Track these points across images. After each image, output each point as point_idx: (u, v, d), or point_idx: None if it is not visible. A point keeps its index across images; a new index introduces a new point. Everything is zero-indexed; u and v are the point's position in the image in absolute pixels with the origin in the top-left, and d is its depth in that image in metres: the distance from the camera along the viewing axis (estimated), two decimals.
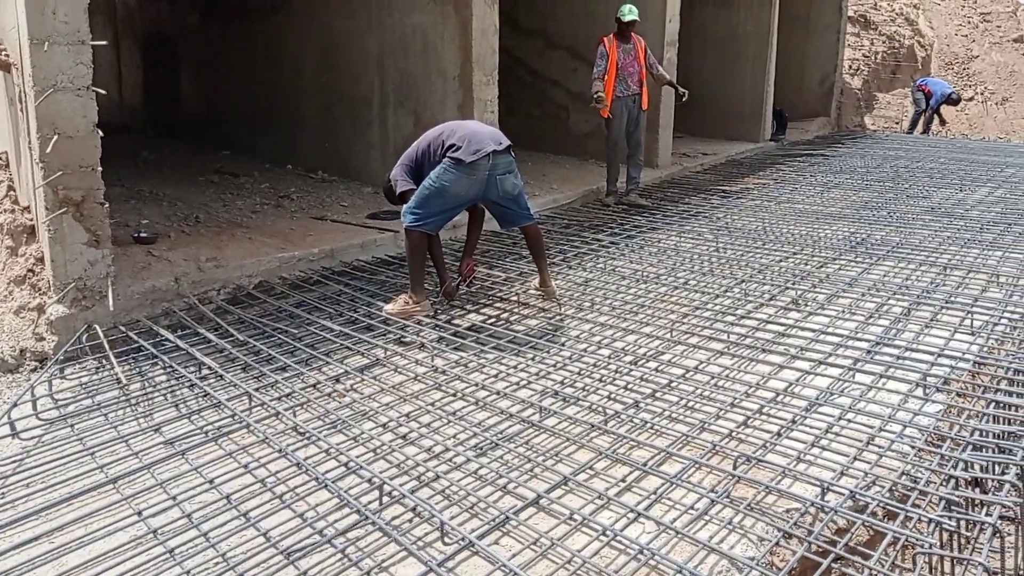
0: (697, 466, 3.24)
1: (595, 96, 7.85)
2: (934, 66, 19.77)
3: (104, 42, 4.41)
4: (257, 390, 3.90)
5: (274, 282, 5.56)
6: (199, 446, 3.44)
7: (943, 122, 16.18)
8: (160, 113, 11.86)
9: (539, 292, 5.34)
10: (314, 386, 4.01)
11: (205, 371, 4.15)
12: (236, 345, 4.46)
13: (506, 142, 4.93)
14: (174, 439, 3.49)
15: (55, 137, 4.20)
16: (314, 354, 4.37)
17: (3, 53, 4.83)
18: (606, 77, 7.89)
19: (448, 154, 4.77)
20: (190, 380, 4.04)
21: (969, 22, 21.74)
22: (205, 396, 3.90)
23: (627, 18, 7.87)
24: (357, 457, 3.29)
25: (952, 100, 15.55)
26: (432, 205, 4.83)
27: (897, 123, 17.48)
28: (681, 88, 8.63)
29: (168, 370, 4.18)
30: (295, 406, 3.77)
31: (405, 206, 4.91)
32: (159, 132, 11.51)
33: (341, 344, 4.54)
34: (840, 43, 15.40)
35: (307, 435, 3.49)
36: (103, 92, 4.34)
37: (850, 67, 17.66)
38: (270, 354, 4.34)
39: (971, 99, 19.14)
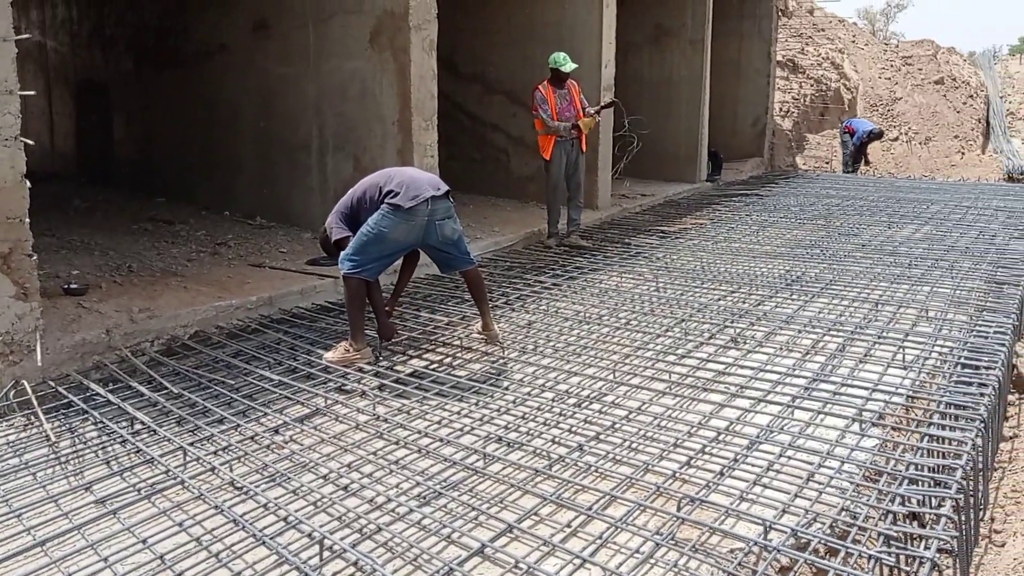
0: (642, 509, 3.23)
1: (565, 126, 7.94)
2: (860, 108, 20.50)
3: (32, 92, 4.33)
4: (192, 444, 3.80)
5: (210, 332, 5.45)
6: (131, 504, 3.32)
7: (867, 162, 16.69)
8: (93, 160, 11.64)
9: (481, 336, 5.33)
10: (252, 438, 3.91)
11: (138, 426, 4.02)
12: (170, 398, 4.35)
13: (444, 187, 4.94)
14: (105, 498, 3.37)
15: None
16: (252, 405, 4.28)
17: None
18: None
19: (386, 200, 4.75)
20: (122, 436, 3.91)
21: (892, 65, 22.64)
22: (138, 452, 3.77)
23: (567, 68, 7.99)
24: (297, 511, 3.21)
25: (874, 135, 16.08)
26: (370, 252, 4.79)
27: (827, 163, 18.03)
28: (608, 100, 8.76)
29: (99, 426, 4.05)
30: (232, 460, 3.67)
31: (343, 253, 4.86)
32: (92, 179, 11.29)
33: (280, 394, 4.45)
34: (770, 87, 15.89)
35: (244, 490, 3.40)
36: (31, 143, 4.24)
37: (780, 109, 18.22)
38: (206, 406, 4.24)
39: (896, 139, 19.84)
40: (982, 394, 4.19)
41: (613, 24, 10.22)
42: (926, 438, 3.80)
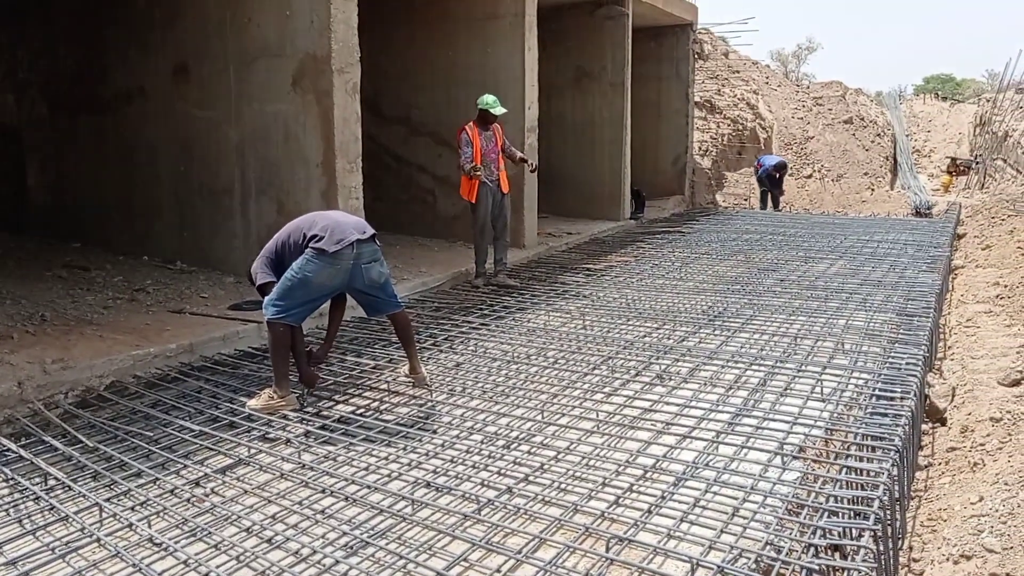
0: (571, 551, 3.23)
1: (471, 167, 7.96)
2: (775, 146, 21.21)
3: None
4: (108, 500, 3.66)
5: (127, 381, 5.28)
6: (45, 565, 3.18)
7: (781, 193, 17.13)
8: (5, 206, 11.24)
9: (409, 379, 5.29)
10: (171, 492, 3.79)
11: (52, 482, 3.86)
12: (85, 452, 4.19)
13: (370, 231, 4.91)
14: (17, 559, 3.21)
15: None
16: (171, 457, 4.15)
17: None
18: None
19: (311, 244, 4.70)
20: (35, 493, 3.75)
21: (803, 106, 23.53)
22: (52, 509, 3.62)
23: (497, 111, 8.06)
24: (218, 567, 3.12)
25: (778, 167, 16.55)
26: (295, 296, 4.72)
27: (746, 200, 18.57)
28: (529, 161, 8.80)
29: (11, 483, 3.87)
30: (150, 515, 3.55)
31: (267, 298, 4.78)
32: (3, 226, 10.89)
33: (201, 444, 4.33)
34: (689, 126, 16.36)
35: (164, 546, 3.28)
36: None
37: (700, 148, 18.74)
38: (123, 460, 4.09)
39: (810, 176, 20.57)
40: (897, 425, 4.32)
41: (535, 67, 10.42)
42: (845, 470, 3.91)
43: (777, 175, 16.48)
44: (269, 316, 4.74)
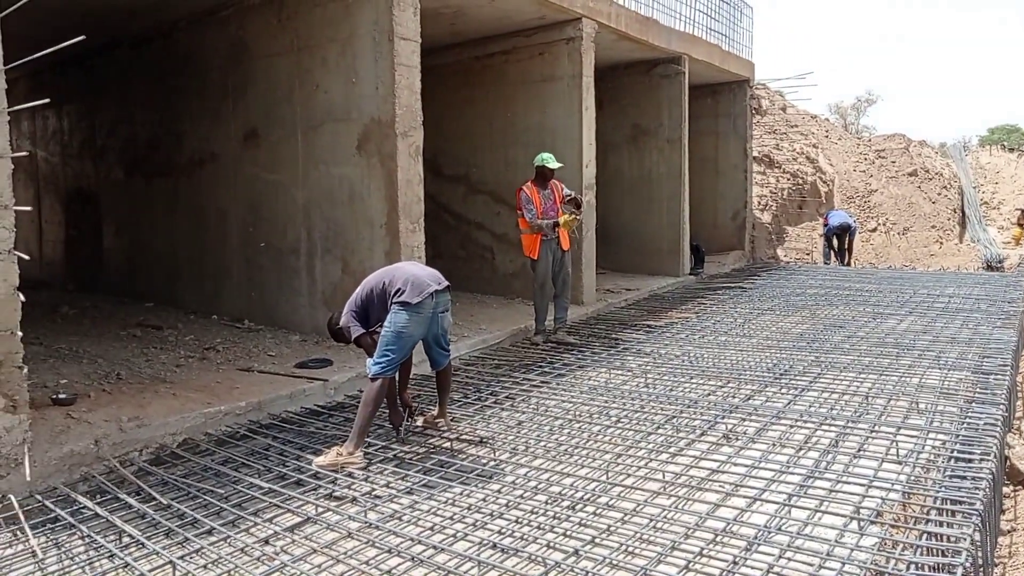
0: None
1: (556, 223, 8.12)
2: (837, 200, 20.95)
3: (29, 208, 4.38)
4: (182, 558, 3.71)
5: (199, 439, 5.39)
6: None
7: (848, 251, 16.81)
8: (81, 267, 11.71)
9: (431, 423, 5.60)
10: (242, 550, 3.83)
11: (126, 539, 3.94)
12: (159, 509, 4.27)
13: (445, 282, 5.21)
14: None
15: None
16: (242, 515, 4.20)
17: None
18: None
19: (395, 299, 5.00)
20: (110, 550, 3.82)
21: (865, 159, 23.25)
22: (126, 567, 3.68)
23: (553, 165, 8.19)
24: None
25: (843, 227, 16.21)
26: (393, 351, 4.98)
27: (808, 254, 18.30)
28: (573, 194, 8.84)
29: (87, 540, 3.96)
30: (222, 574, 3.59)
31: (370, 360, 5.04)
32: (80, 287, 11.33)
33: (270, 502, 4.38)
34: (748, 181, 16.28)
35: None
36: (26, 257, 4.27)
37: (759, 203, 18.60)
38: (195, 517, 4.16)
39: (874, 230, 20.22)
40: (977, 488, 4.17)
41: (592, 126, 10.53)
42: (925, 535, 3.77)
43: (844, 235, 16.22)
44: (373, 373, 4.99)
